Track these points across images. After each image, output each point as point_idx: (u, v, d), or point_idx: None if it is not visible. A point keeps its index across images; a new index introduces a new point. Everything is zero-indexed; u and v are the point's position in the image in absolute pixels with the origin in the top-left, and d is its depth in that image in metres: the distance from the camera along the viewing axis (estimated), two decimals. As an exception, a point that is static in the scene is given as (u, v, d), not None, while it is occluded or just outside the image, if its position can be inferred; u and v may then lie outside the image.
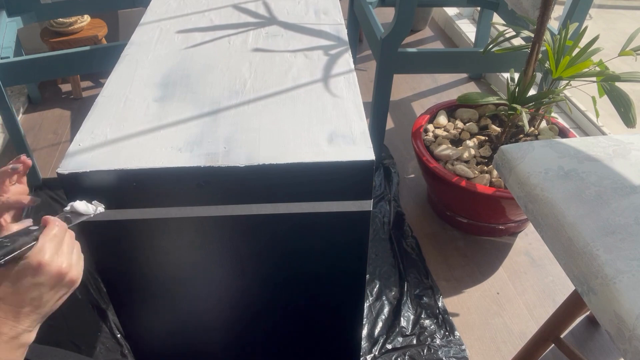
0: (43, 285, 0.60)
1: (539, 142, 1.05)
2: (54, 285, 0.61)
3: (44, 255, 0.60)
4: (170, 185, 0.76)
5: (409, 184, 1.85)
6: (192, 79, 0.94)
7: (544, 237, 0.94)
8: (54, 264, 0.61)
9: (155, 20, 1.15)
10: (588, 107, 2.07)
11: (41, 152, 2.00)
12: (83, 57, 1.58)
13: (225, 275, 0.90)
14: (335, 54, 1.01)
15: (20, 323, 0.59)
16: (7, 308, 0.58)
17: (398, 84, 2.42)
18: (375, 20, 1.76)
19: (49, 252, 0.60)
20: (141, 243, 0.84)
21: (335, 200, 0.79)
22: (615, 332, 0.75)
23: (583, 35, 1.38)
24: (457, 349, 1.30)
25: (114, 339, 1.32)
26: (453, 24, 2.78)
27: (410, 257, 1.55)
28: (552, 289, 1.47)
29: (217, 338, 1.03)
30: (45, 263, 0.60)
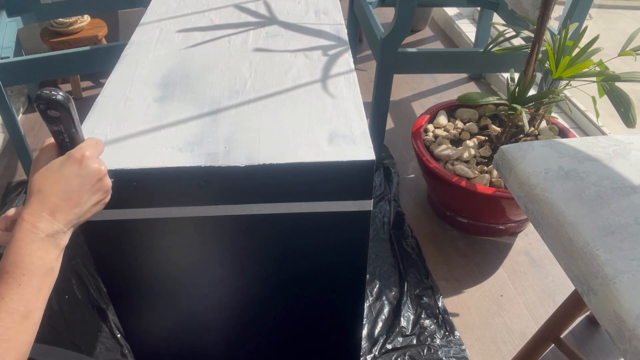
0: (84, 179, 0.62)
1: (539, 142, 1.05)
2: (93, 184, 0.63)
3: (87, 151, 0.63)
4: (170, 185, 0.76)
5: (409, 184, 1.85)
6: (192, 79, 0.94)
7: (544, 237, 0.94)
8: (96, 162, 0.64)
9: (155, 20, 1.15)
10: (588, 107, 2.07)
11: (41, 152, 2.00)
12: (83, 57, 1.58)
13: (225, 275, 0.90)
14: (335, 54, 1.01)
15: (56, 219, 0.59)
16: (46, 200, 0.59)
17: (398, 84, 2.42)
18: (375, 20, 1.76)
19: (91, 151, 0.64)
20: (141, 243, 0.84)
21: (335, 200, 0.79)
22: (615, 332, 0.75)
23: (583, 35, 1.38)
24: (457, 349, 1.30)
25: (114, 339, 1.32)
26: (453, 24, 2.78)
27: (410, 257, 1.55)
28: (552, 289, 1.47)
29: (217, 338, 1.03)
30: (88, 157, 0.63)
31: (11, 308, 0.53)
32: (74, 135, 0.64)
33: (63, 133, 0.63)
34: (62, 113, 0.61)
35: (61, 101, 0.60)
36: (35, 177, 0.61)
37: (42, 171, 0.61)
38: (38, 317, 0.57)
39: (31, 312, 0.55)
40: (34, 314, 0.56)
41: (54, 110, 0.61)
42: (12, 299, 0.54)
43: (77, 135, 0.65)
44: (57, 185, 0.60)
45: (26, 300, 0.55)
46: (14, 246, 0.56)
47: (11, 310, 0.53)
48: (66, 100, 0.61)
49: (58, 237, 0.59)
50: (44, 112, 0.61)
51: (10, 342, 0.52)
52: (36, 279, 0.56)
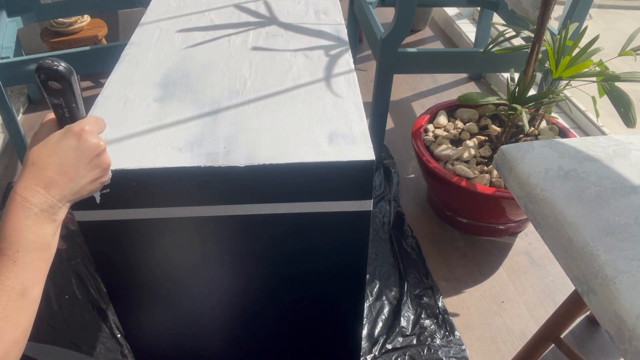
0: (81, 153, 0.60)
1: (539, 142, 1.05)
2: (91, 159, 0.62)
3: (86, 126, 0.61)
4: (170, 185, 0.76)
5: (409, 184, 1.85)
6: (192, 79, 0.94)
7: (544, 237, 0.94)
8: (95, 137, 0.62)
9: (155, 20, 1.15)
10: (588, 107, 2.07)
11: (41, 152, 2.00)
12: (83, 57, 1.58)
13: (225, 275, 0.90)
14: (335, 54, 1.01)
15: (50, 193, 0.57)
16: (40, 173, 0.57)
17: (398, 84, 2.42)
18: (375, 20, 1.76)
19: (90, 126, 0.62)
20: (141, 243, 0.84)
21: (336, 200, 0.79)
22: (615, 332, 0.75)
23: (583, 35, 1.38)
24: (457, 349, 1.30)
25: (114, 339, 1.32)
26: (453, 24, 2.78)
27: (410, 257, 1.55)
28: (552, 289, 1.47)
29: (217, 338, 1.03)
30: (87, 131, 0.61)
31: (7, 286, 0.52)
32: (74, 111, 0.62)
33: (63, 107, 0.61)
34: (63, 85, 0.59)
35: (63, 72, 0.58)
36: (32, 150, 0.59)
37: (39, 145, 0.59)
38: (37, 294, 0.55)
39: (28, 290, 0.53)
40: (31, 291, 0.54)
41: (54, 82, 0.59)
42: (7, 276, 0.52)
43: (78, 112, 0.63)
44: (53, 158, 0.58)
45: (22, 278, 0.53)
46: (7, 222, 0.54)
47: (7, 289, 0.52)
48: (68, 72, 0.59)
49: (53, 211, 0.57)
50: (45, 83, 0.58)
51: (8, 321, 0.51)
52: (31, 255, 0.54)
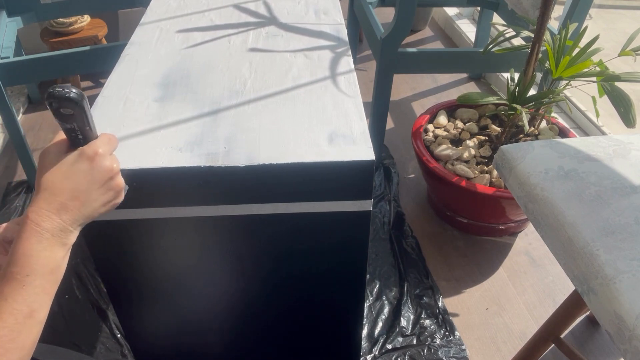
0: (94, 178, 0.60)
1: (539, 142, 1.05)
2: (104, 183, 0.61)
3: (100, 148, 0.61)
4: (170, 185, 0.76)
5: (409, 184, 1.85)
6: (192, 79, 0.94)
7: (544, 237, 0.94)
8: (108, 159, 0.62)
9: (155, 20, 1.15)
10: (588, 107, 2.07)
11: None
12: (83, 57, 1.58)
13: (225, 275, 0.90)
14: (335, 54, 1.01)
15: (62, 219, 0.57)
16: (52, 199, 0.57)
17: (398, 84, 2.42)
18: (375, 20, 1.76)
19: (104, 148, 0.62)
20: (141, 243, 0.84)
21: (335, 200, 0.79)
22: (615, 332, 0.75)
23: (583, 35, 1.38)
24: (457, 349, 1.30)
25: (114, 339, 1.32)
26: (453, 24, 2.78)
27: (410, 257, 1.55)
28: (552, 289, 1.47)
29: (217, 338, 1.03)
30: (101, 154, 0.61)
31: (15, 309, 0.53)
32: (87, 132, 0.61)
33: (76, 130, 0.60)
34: (76, 111, 0.58)
35: (75, 99, 0.57)
36: (44, 174, 0.59)
37: (51, 168, 0.59)
38: (43, 315, 0.56)
39: (35, 312, 0.54)
40: (38, 313, 0.55)
41: (66, 108, 0.58)
42: (15, 299, 0.53)
43: (91, 132, 0.62)
44: (66, 183, 0.58)
45: (30, 301, 0.54)
46: (18, 246, 0.55)
47: (14, 312, 0.52)
48: (80, 98, 0.58)
49: (64, 236, 0.58)
50: (57, 110, 0.58)
51: (14, 343, 0.52)
52: (40, 279, 0.55)
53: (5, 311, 0.52)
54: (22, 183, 1.83)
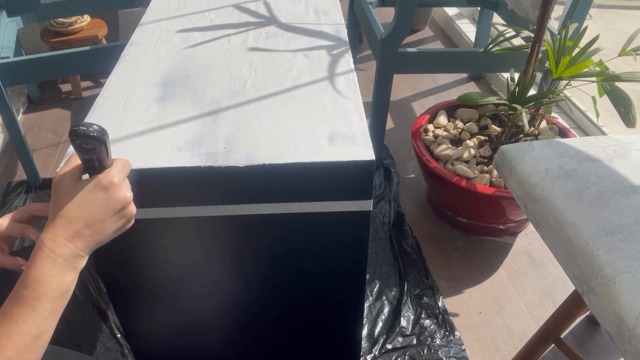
0: (109, 207, 0.61)
1: (539, 142, 1.05)
2: (118, 211, 0.62)
3: (115, 177, 0.62)
4: (170, 185, 0.76)
5: (409, 184, 1.85)
6: (192, 79, 0.94)
7: (544, 237, 0.94)
8: (123, 189, 0.63)
9: (155, 20, 1.15)
10: (588, 107, 2.07)
11: (41, 152, 2.00)
12: (83, 57, 1.58)
13: (225, 275, 0.90)
14: (335, 54, 1.01)
15: (75, 245, 0.59)
16: (68, 227, 0.59)
17: (398, 84, 2.42)
18: (375, 20, 1.76)
19: (119, 177, 0.63)
20: (141, 243, 0.84)
21: (335, 200, 0.79)
22: (615, 332, 0.75)
23: (583, 35, 1.38)
24: (457, 349, 1.30)
25: (114, 338, 1.32)
26: (453, 24, 2.78)
27: (410, 257, 1.55)
28: (552, 289, 1.47)
29: (217, 338, 1.03)
30: (116, 184, 0.62)
31: (24, 331, 0.54)
32: (104, 161, 0.63)
33: (94, 160, 0.62)
34: (97, 146, 0.60)
35: (98, 137, 0.59)
36: (60, 201, 0.60)
37: (67, 194, 0.60)
38: (48, 336, 0.58)
39: (43, 334, 0.56)
40: (45, 334, 0.57)
41: (88, 145, 0.60)
42: (25, 322, 0.55)
43: (107, 159, 0.63)
44: (81, 212, 0.59)
45: (39, 323, 0.56)
46: (32, 271, 0.56)
47: (24, 333, 0.54)
48: (102, 135, 0.60)
49: (76, 261, 0.59)
50: (79, 146, 0.59)
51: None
52: (51, 303, 0.57)
53: (15, 332, 0.54)
54: (22, 183, 1.83)
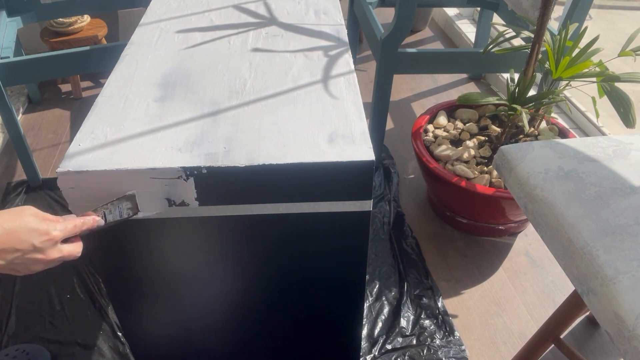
0: (28, 247, 0.62)
1: (539, 142, 1.05)
2: (27, 254, 0.63)
3: (58, 233, 0.64)
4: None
5: (409, 184, 1.85)
6: (192, 79, 0.94)
7: (544, 238, 0.94)
8: (56, 249, 0.65)
9: (155, 21, 1.15)
10: (588, 107, 2.07)
11: (41, 152, 2.01)
12: (83, 57, 1.58)
13: (224, 275, 0.90)
14: (335, 55, 1.01)
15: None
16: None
17: (398, 84, 2.42)
18: (375, 20, 1.76)
19: (61, 235, 0.65)
20: (141, 243, 0.84)
21: (335, 200, 0.79)
22: (615, 332, 0.75)
23: (583, 36, 1.38)
24: (457, 350, 1.30)
25: (115, 337, 1.32)
26: (453, 24, 2.78)
27: (410, 257, 1.55)
28: (552, 289, 1.47)
29: (217, 338, 1.03)
30: (53, 237, 0.64)
31: None
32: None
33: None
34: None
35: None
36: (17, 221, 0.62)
37: (22, 223, 0.62)
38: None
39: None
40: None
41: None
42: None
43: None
44: (9, 237, 0.61)
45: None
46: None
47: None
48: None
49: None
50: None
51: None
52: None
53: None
54: (22, 183, 1.83)
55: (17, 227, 0.61)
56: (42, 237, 0.63)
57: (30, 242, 0.62)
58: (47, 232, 0.63)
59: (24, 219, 0.62)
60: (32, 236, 0.62)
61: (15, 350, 1.25)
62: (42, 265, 0.65)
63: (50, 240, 0.63)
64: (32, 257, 0.63)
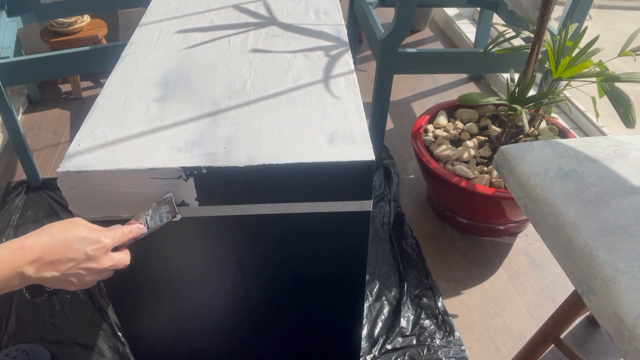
0: (80, 258, 0.63)
1: (539, 142, 1.05)
2: (81, 266, 0.64)
3: (106, 239, 0.66)
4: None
5: (409, 184, 1.85)
6: (192, 79, 0.94)
7: (544, 238, 0.94)
8: (108, 257, 0.66)
9: (155, 21, 1.15)
10: (588, 107, 2.07)
11: (41, 152, 2.01)
12: (83, 57, 1.58)
13: (224, 275, 0.90)
14: (335, 55, 1.01)
15: (35, 267, 0.61)
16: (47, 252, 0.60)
17: (398, 84, 2.42)
18: (375, 20, 1.76)
19: (112, 243, 0.67)
20: (141, 243, 0.83)
21: (335, 200, 0.79)
22: (615, 332, 0.75)
23: (583, 36, 1.38)
24: (457, 350, 1.30)
25: (115, 337, 1.32)
26: (453, 24, 2.78)
27: (410, 257, 1.55)
28: (552, 289, 1.47)
29: (217, 338, 1.03)
30: (104, 245, 0.65)
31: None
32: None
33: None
34: None
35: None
36: (66, 232, 0.63)
37: (73, 235, 0.63)
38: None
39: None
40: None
41: None
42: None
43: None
44: (63, 250, 0.61)
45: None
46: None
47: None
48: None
49: (23, 275, 0.60)
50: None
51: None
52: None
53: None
54: (22, 183, 1.83)
55: (69, 237, 0.62)
56: (94, 246, 0.64)
57: (83, 251, 0.62)
58: (98, 240, 0.64)
59: (76, 229, 0.63)
60: (85, 245, 0.63)
61: (15, 350, 1.25)
62: (95, 275, 0.65)
63: (102, 248, 0.64)
64: (86, 266, 0.63)
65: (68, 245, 0.62)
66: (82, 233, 0.63)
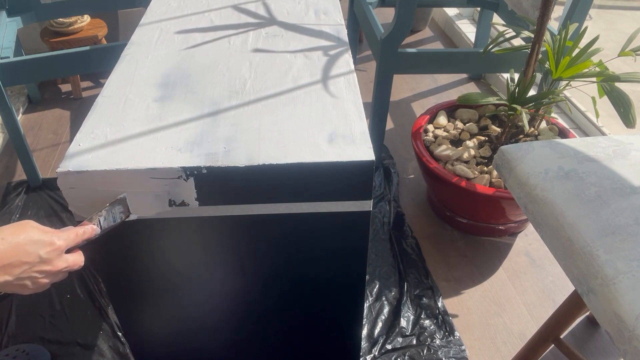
0: (35, 259, 0.62)
1: (539, 142, 1.05)
2: (34, 268, 0.63)
3: (59, 240, 0.65)
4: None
5: (409, 184, 1.85)
6: (192, 79, 0.94)
7: (544, 238, 0.94)
8: (62, 259, 0.65)
9: (155, 21, 1.15)
10: (588, 107, 2.07)
11: (41, 152, 2.01)
12: (83, 57, 1.58)
13: (224, 275, 0.90)
14: (335, 55, 1.01)
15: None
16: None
17: (398, 84, 2.42)
18: (375, 20, 1.76)
19: (65, 244, 0.65)
20: (141, 243, 0.84)
21: (335, 200, 0.79)
22: (615, 332, 0.75)
23: (583, 36, 1.38)
24: (457, 350, 1.30)
25: (115, 337, 1.32)
26: (453, 24, 2.78)
27: (410, 257, 1.55)
28: (552, 289, 1.47)
29: (217, 338, 1.03)
30: (58, 247, 0.64)
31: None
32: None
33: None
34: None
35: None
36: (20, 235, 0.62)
37: (25, 238, 0.62)
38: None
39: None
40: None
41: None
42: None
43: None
44: (14, 253, 0.61)
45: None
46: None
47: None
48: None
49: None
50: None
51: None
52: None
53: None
54: (22, 183, 1.83)
55: (22, 241, 0.61)
56: (48, 248, 0.63)
57: (36, 254, 0.62)
58: (51, 242, 0.63)
59: (28, 232, 0.62)
60: (38, 247, 0.62)
61: (15, 350, 1.25)
62: (50, 278, 0.65)
63: (55, 250, 0.64)
64: (40, 269, 0.63)
65: (21, 249, 0.60)
66: (34, 236, 0.62)
